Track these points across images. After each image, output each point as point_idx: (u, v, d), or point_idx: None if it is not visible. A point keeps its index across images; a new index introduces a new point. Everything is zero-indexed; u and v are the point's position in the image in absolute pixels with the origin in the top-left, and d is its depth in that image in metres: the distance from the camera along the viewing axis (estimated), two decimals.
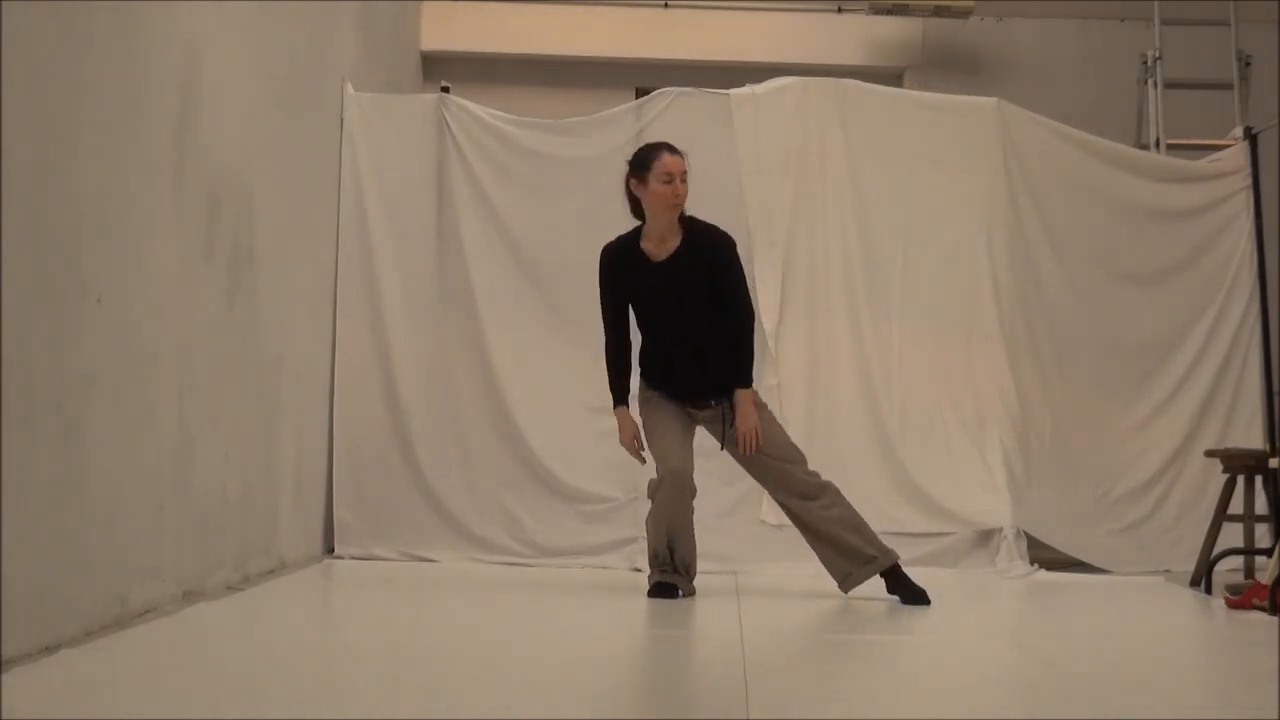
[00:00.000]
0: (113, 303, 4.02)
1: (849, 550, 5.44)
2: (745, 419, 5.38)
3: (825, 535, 5.46)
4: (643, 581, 5.51)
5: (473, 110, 7.12)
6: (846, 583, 5.47)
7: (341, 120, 6.96)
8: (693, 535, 5.42)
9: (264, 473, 5.69)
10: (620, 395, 5.50)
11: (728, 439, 5.46)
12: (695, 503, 5.42)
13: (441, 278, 7.00)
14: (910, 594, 5.39)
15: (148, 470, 4.37)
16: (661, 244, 5.44)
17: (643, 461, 5.52)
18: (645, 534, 5.50)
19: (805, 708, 3.35)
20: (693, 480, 5.38)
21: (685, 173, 5.40)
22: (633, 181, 5.43)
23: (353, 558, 6.65)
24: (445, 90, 7.24)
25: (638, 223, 5.51)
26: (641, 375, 5.55)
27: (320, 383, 6.67)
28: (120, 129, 4.10)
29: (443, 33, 9.94)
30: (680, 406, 5.48)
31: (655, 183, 5.37)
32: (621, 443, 5.53)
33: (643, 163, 5.42)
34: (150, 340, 4.36)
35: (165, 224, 4.48)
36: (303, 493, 6.32)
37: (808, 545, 5.56)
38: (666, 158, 5.39)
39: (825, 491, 5.48)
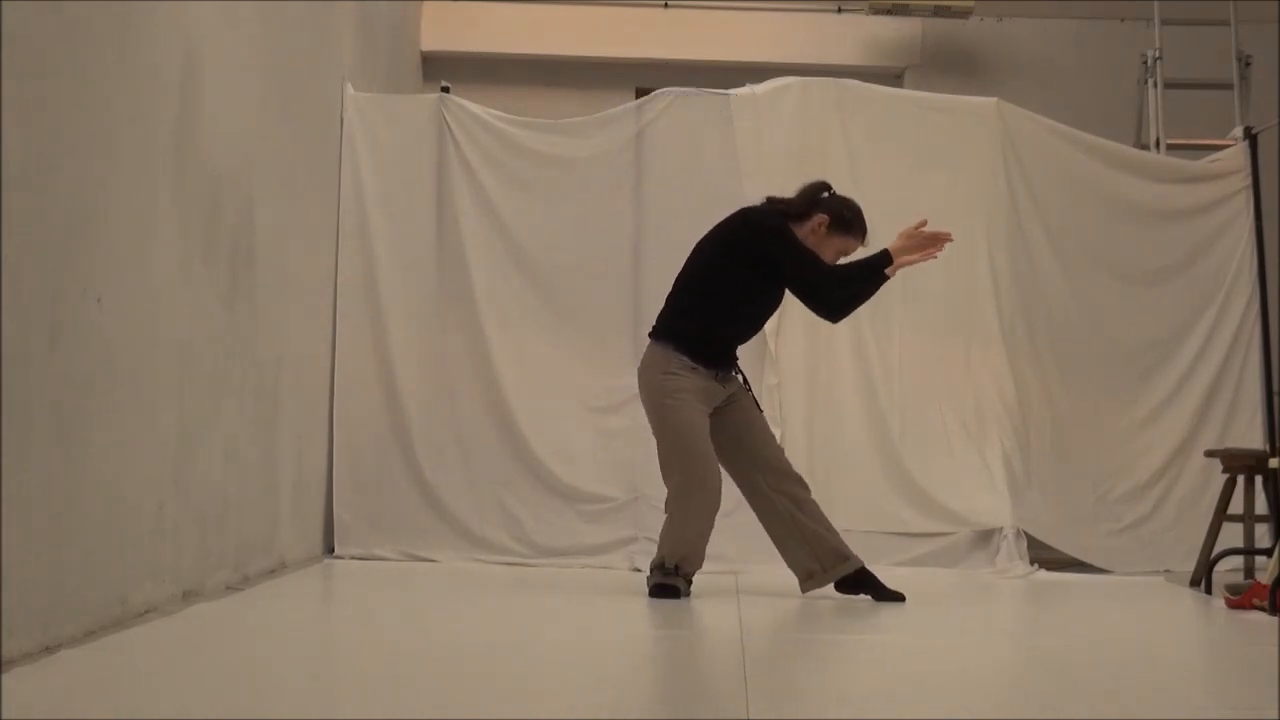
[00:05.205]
0: (113, 303, 4.02)
1: (828, 546, 5.43)
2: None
3: (813, 527, 5.41)
4: (643, 581, 5.51)
5: (473, 110, 7.12)
6: (815, 580, 5.42)
7: (341, 120, 6.96)
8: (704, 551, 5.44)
9: (264, 473, 5.69)
10: (880, 254, 5.35)
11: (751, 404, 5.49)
12: None
13: (441, 278, 7.00)
14: (885, 593, 5.39)
15: (148, 470, 4.37)
16: None
17: (950, 238, 5.39)
18: (658, 537, 5.43)
19: (805, 708, 3.35)
20: None
21: None
22: (827, 221, 5.36)
23: (353, 558, 6.65)
24: (445, 90, 7.24)
25: (777, 207, 5.48)
26: (689, 350, 5.34)
27: (320, 383, 6.67)
28: (120, 129, 4.10)
29: (443, 33, 9.95)
30: (709, 401, 5.40)
31: (833, 249, 5.38)
32: (921, 249, 5.34)
33: (847, 225, 5.39)
34: (150, 340, 4.36)
35: (165, 224, 4.48)
36: (303, 493, 6.32)
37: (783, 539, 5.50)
38: (856, 245, 5.43)
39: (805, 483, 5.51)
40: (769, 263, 5.34)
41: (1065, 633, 5.03)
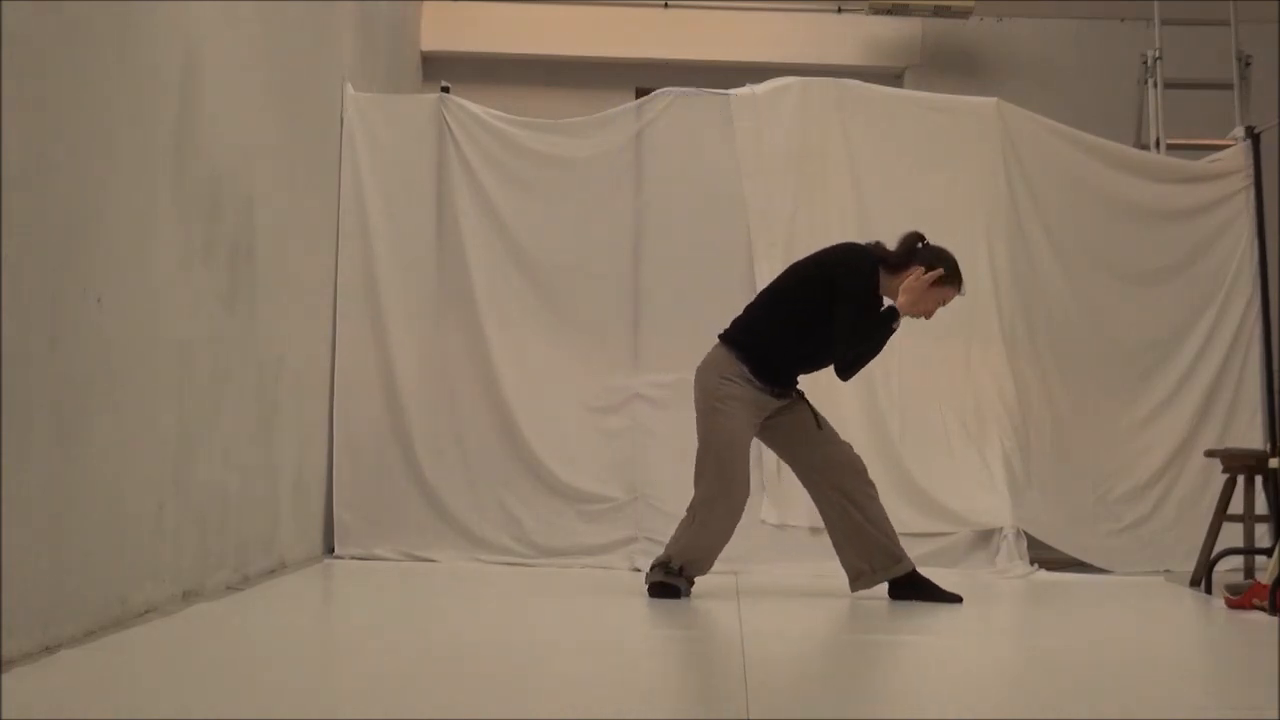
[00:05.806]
0: (113, 303, 4.02)
1: (879, 547, 5.43)
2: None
3: (866, 527, 5.41)
4: (643, 581, 5.50)
5: (473, 110, 7.12)
6: (863, 580, 5.44)
7: (341, 120, 6.96)
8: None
9: (264, 473, 5.69)
10: (888, 312, 5.34)
11: (816, 422, 5.45)
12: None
13: (441, 278, 7.00)
14: (939, 594, 5.41)
15: (148, 470, 4.37)
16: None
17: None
18: (671, 536, 5.43)
19: (805, 708, 3.35)
20: None
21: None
22: (926, 275, 5.29)
23: (353, 558, 6.65)
24: (445, 90, 7.24)
25: (883, 257, 5.39)
26: (750, 364, 5.31)
27: (320, 383, 6.67)
28: (120, 129, 4.10)
29: (443, 33, 9.95)
30: (760, 412, 5.39)
31: (932, 300, 5.33)
32: (918, 290, 5.29)
33: (944, 277, 5.33)
34: (150, 340, 4.36)
35: (165, 224, 4.48)
36: (303, 493, 6.32)
37: (828, 539, 5.51)
38: (953, 295, 5.39)
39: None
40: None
41: (1065, 633, 5.03)
